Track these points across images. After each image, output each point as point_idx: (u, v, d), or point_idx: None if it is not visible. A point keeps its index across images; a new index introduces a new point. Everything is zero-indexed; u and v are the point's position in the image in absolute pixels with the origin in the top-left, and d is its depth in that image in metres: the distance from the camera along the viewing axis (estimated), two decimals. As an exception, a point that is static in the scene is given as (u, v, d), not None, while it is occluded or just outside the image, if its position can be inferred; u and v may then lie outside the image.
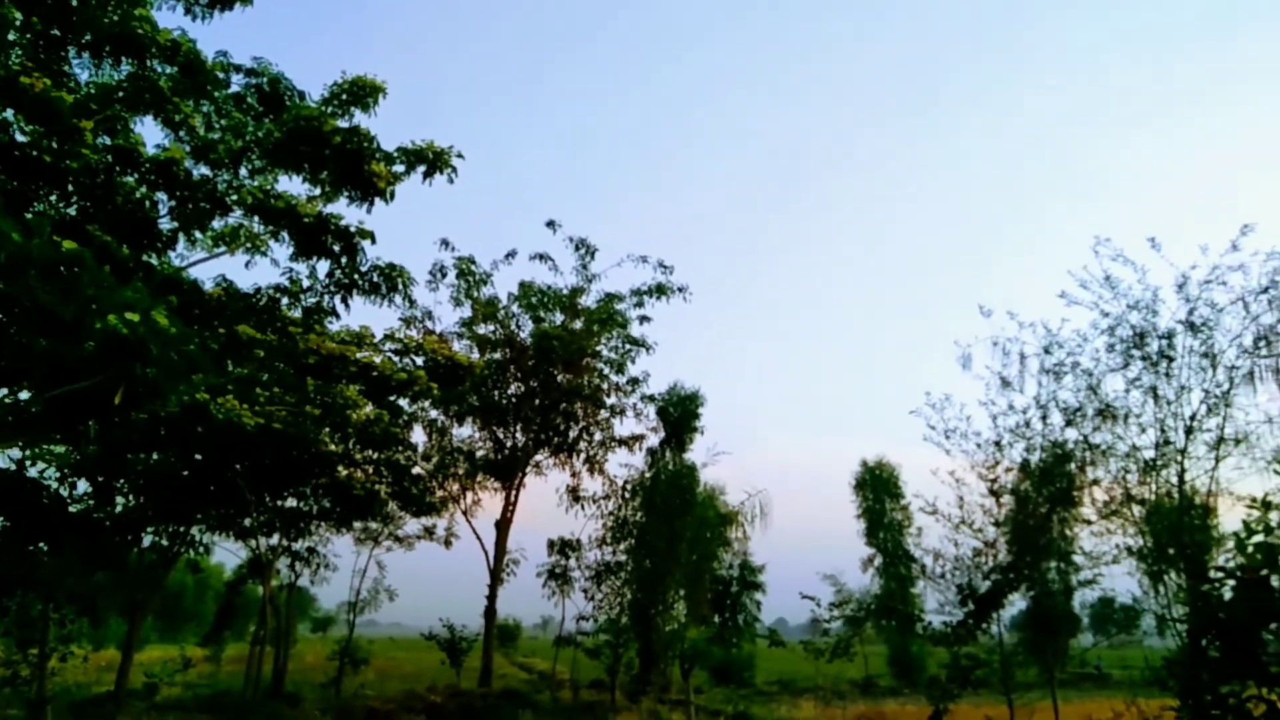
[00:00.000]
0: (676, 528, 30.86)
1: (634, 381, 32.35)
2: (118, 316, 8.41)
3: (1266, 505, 8.28)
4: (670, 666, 29.90)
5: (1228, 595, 8.58)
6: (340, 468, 23.63)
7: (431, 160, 15.20)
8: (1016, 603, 16.79)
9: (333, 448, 22.42)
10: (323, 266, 15.51)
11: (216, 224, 15.99)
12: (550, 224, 31.36)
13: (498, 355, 31.47)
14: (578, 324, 31.65)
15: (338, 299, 15.74)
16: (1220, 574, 9.06)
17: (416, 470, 28.35)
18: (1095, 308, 14.62)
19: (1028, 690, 19.78)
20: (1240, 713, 8.08)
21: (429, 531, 30.47)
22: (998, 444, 15.58)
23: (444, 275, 30.80)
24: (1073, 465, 15.11)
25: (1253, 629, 8.33)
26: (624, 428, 32.66)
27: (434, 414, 30.85)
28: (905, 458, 43.66)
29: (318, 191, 15.38)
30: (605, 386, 32.34)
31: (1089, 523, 15.55)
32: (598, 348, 31.84)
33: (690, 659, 24.06)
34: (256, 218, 15.51)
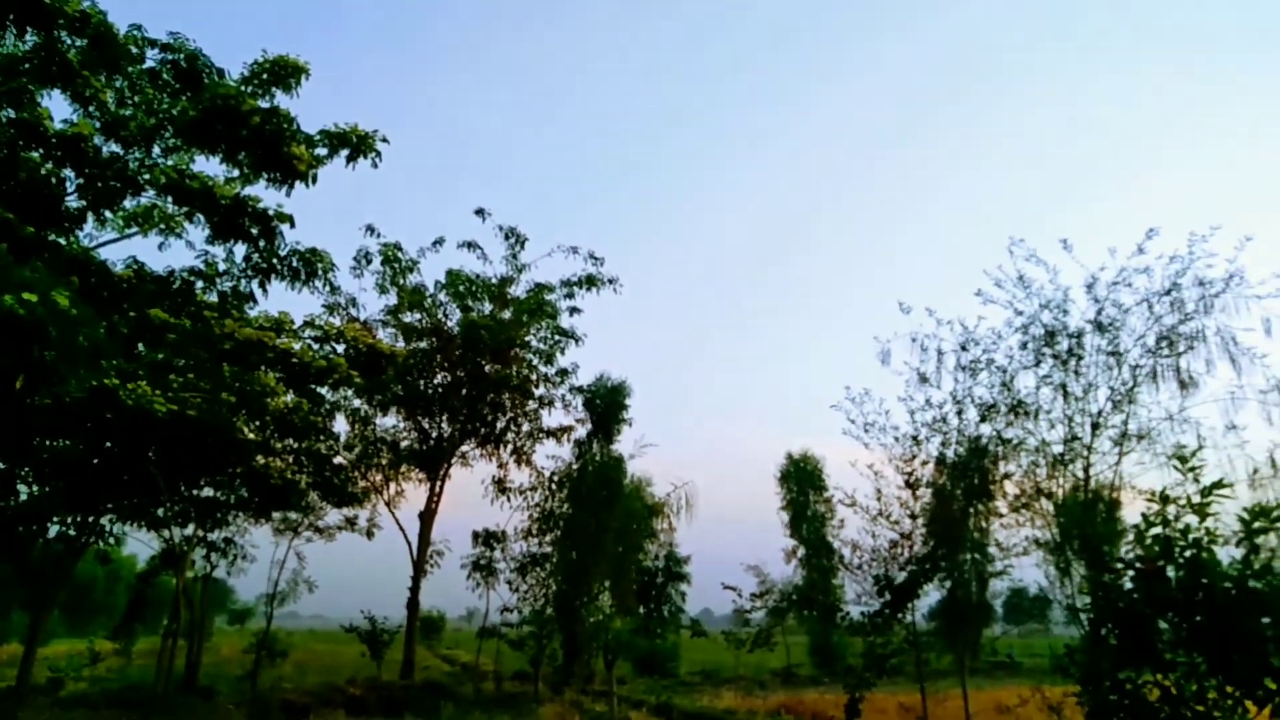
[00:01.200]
0: (603, 519, 30.92)
1: (563, 373, 32.23)
2: (14, 297, 8.07)
3: (1164, 499, 8.60)
4: (594, 658, 29.96)
5: (1128, 586, 8.91)
6: (259, 457, 23.08)
7: (355, 144, 14.91)
8: (933, 593, 17.19)
9: (250, 436, 21.87)
10: (240, 250, 15.12)
11: (128, 203, 15.47)
12: (479, 212, 31.05)
13: (424, 344, 31.04)
14: (506, 314, 31.39)
15: (255, 284, 15.37)
16: (1120, 565, 9.42)
17: (338, 460, 27.85)
18: (1009, 306, 15.07)
19: (943, 678, 20.34)
20: (1136, 698, 8.39)
21: (350, 522, 29.95)
22: (915, 438, 15.93)
23: (369, 262, 30.26)
24: (987, 460, 15.53)
25: (1150, 618, 8.66)
26: (552, 419, 32.56)
27: (357, 403, 30.33)
28: (830, 450, 44.34)
29: (235, 173, 14.97)
30: (534, 377, 32.14)
31: (1001, 515, 16.00)
32: (527, 338, 31.63)
33: (614, 650, 24.12)
34: (170, 198, 15.03)
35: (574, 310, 31.61)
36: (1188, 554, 8.38)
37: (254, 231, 14.42)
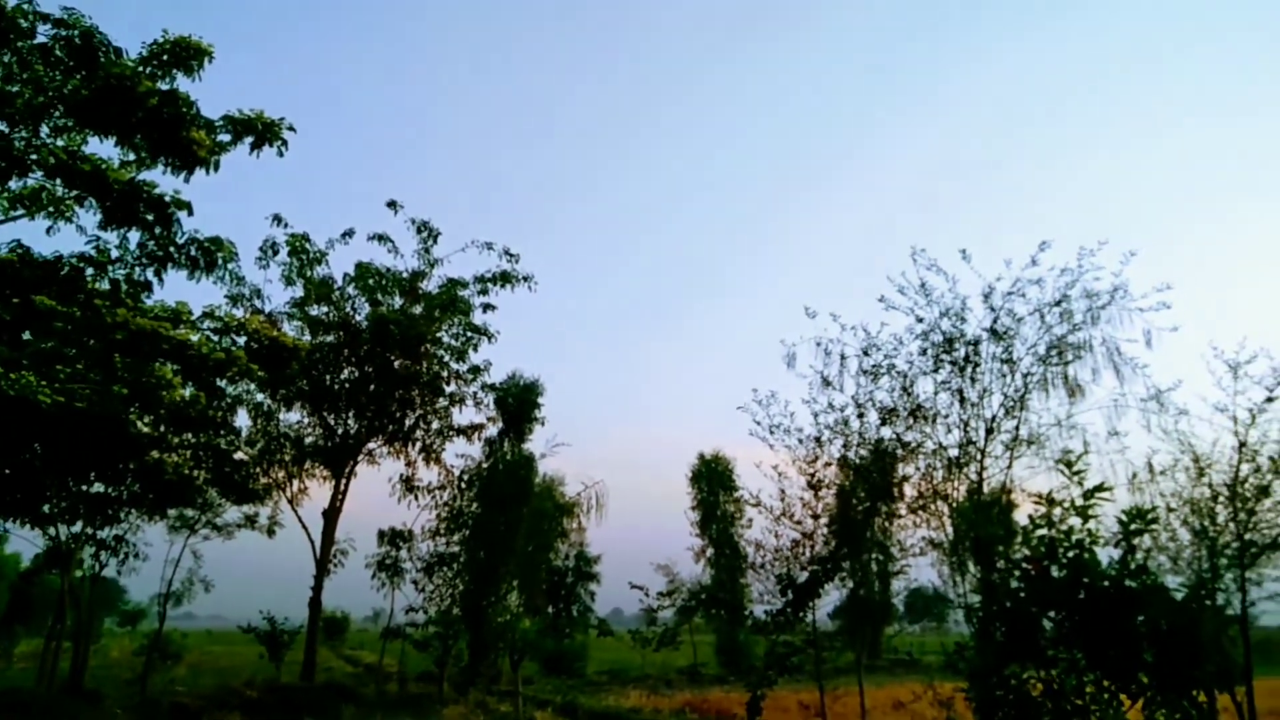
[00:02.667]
0: (513, 518, 30.70)
1: (475, 370, 31.83)
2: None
3: (1050, 501, 8.94)
4: (500, 658, 29.73)
5: (1015, 585, 9.23)
6: (154, 451, 22.25)
7: (261, 131, 14.49)
8: (835, 593, 17.53)
9: (144, 429, 21.08)
10: (135, 237, 14.53)
11: (13, 184, 14.71)
12: (391, 204, 30.48)
13: (331, 338, 30.31)
14: (418, 309, 30.88)
15: (151, 272, 14.79)
16: (1007, 565, 9.76)
17: (239, 455, 26.99)
18: (911, 314, 15.44)
19: (844, 676, 20.75)
20: (1020, 693, 8.71)
21: (251, 520, 29.09)
22: (818, 440, 16.23)
23: (275, 252, 29.41)
24: (887, 462, 15.91)
25: (1034, 616, 9.00)
26: (463, 416, 32.09)
27: (260, 397, 29.45)
28: (740, 451, 44.86)
29: (131, 157, 14.39)
30: (445, 374, 31.68)
31: (900, 516, 16.41)
32: (438, 334, 31.15)
33: (520, 650, 23.97)
34: (59, 180, 14.35)
35: (488, 307, 31.26)
36: (1070, 554, 8.73)
37: (149, 218, 13.88)
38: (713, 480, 44.93)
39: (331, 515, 30.24)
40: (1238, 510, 13.25)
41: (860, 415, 15.84)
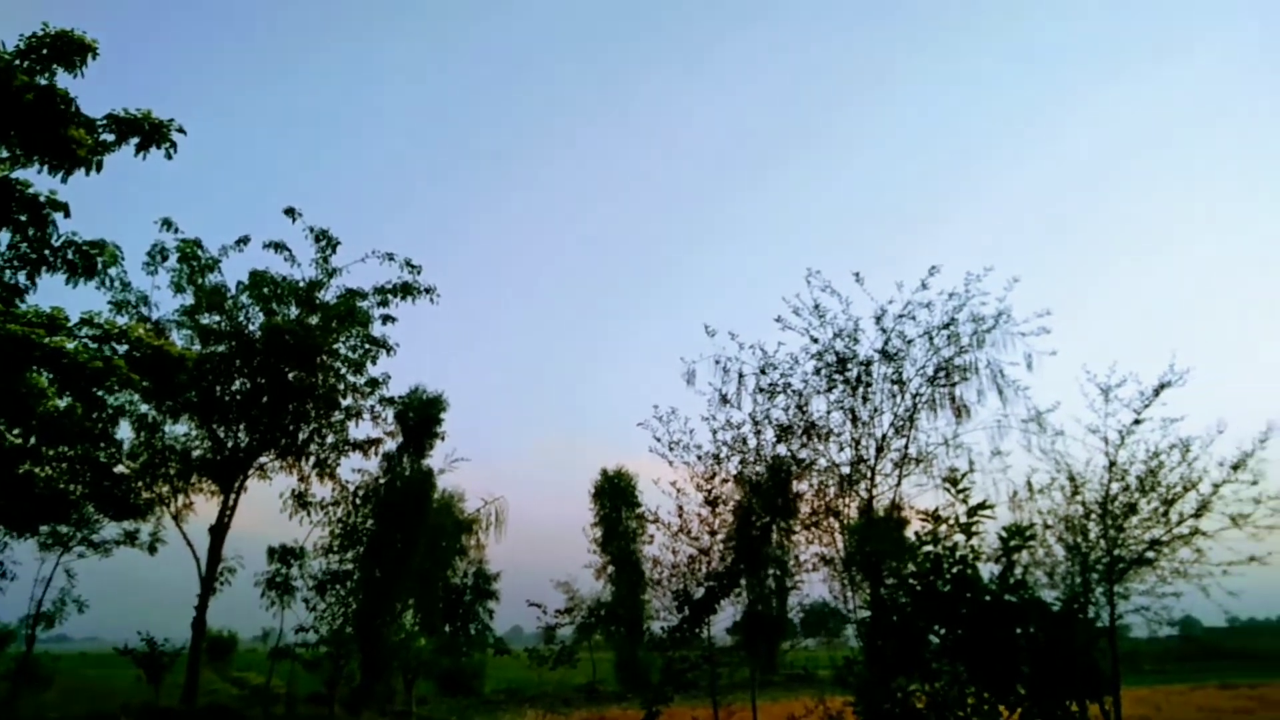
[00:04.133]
0: (410, 535, 30.11)
1: (373, 383, 31.10)
2: None
3: (936, 519, 9.20)
4: (394, 678, 29.06)
5: (902, 600, 9.46)
6: (27, 463, 21.07)
7: (148, 131, 13.91)
8: (732, 608, 17.67)
9: (15, 441, 19.94)
10: (5, 238, 13.76)
11: None
12: (289, 211, 29.65)
13: (222, 348, 29.24)
14: (314, 319, 30.03)
15: (23, 275, 14.02)
16: (894, 581, 10.01)
17: (119, 469, 25.76)
18: (806, 334, 15.76)
19: (742, 691, 20.87)
20: (906, 705, 8.91)
21: (131, 536, 27.77)
22: (716, 457, 16.40)
23: (164, 258, 28.26)
24: (783, 479, 16.17)
25: (920, 630, 9.23)
26: (360, 431, 31.32)
27: (145, 408, 28.18)
28: (643, 467, 44.93)
29: (4, 154, 13.65)
30: (342, 387, 30.87)
31: (795, 532, 16.69)
32: (335, 345, 30.36)
33: (415, 669, 23.47)
34: (-79, 176, 13.52)
35: (387, 319, 30.61)
36: (955, 570, 9.00)
37: (22, 218, 13.16)
38: (615, 496, 44.87)
39: (219, 531, 29.07)
40: (1108, 527, 13.92)
41: (757, 433, 16.10)
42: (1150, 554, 13.97)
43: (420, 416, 31.30)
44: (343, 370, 30.69)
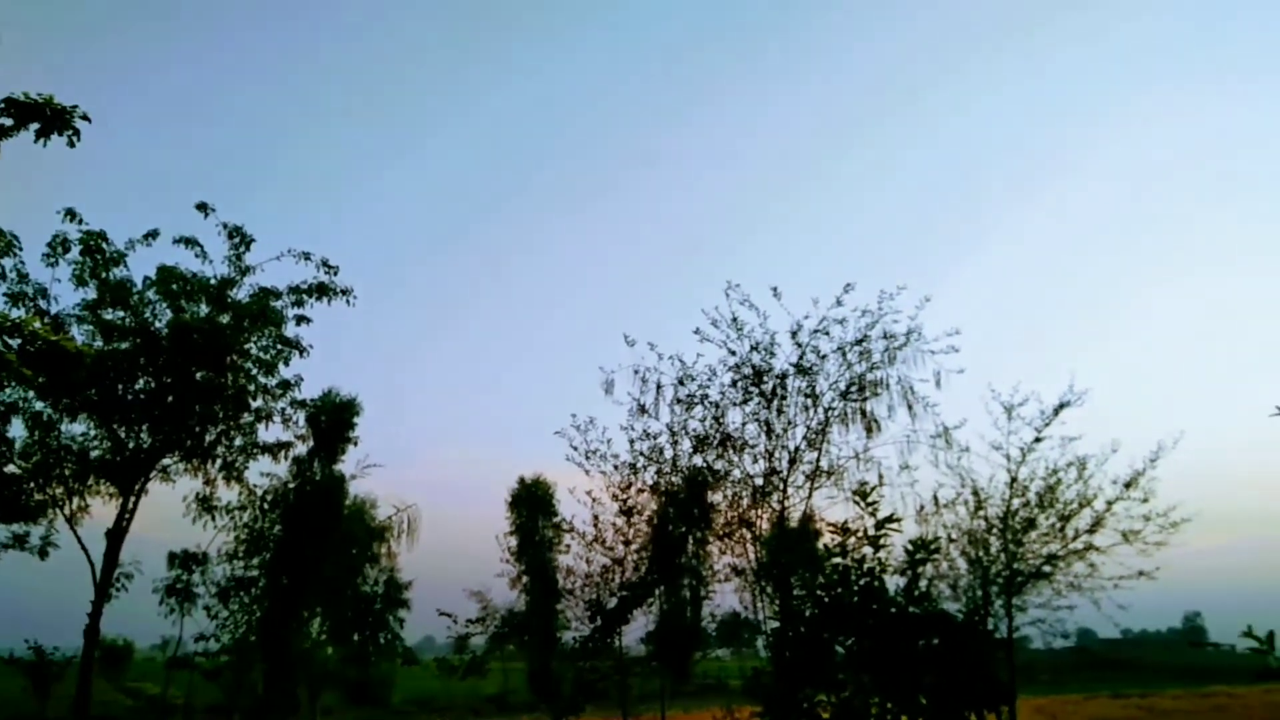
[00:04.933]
0: (320, 542, 29.40)
1: (285, 385, 30.27)
2: None
3: (845, 531, 9.38)
4: (299, 688, 28.33)
5: (810, 611, 9.61)
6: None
7: (49, 117, 13.30)
8: (646, 618, 17.70)
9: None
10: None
11: None
12: (201, 207, 28.71)
13: (126, 345, 28.15)
14: (225, 318, 29.15)
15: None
16: (803, 592, 10.17)
17: (10, 469, 24.58)
18: (724, 346, 15.94)
19: (654, 701, 20.91)
20: (812, 715, 9.05)
21: (20, 540, 26.50)
22: (633, 466, 16.46)
23: (66, 250, 27.09)
24: (698, 489, 16.30)
25: (827, 642, 9.39)
26: (270, 433, 30.45)
27: (40, 405, 26.96)
28: (561, 476, 44.69)
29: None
30: (252, 388, 29.98)
31: (709, 542, 16.83)
32: (246, 346, 29.49)
33: (320, 679, 22.89)
34: None
35: (302, 319, 29.84)
36: (862, 582, 9.19)
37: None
38: (533, 505, 44.47)
39: (116, 535, 27.89)
40: (1008, 542, 14.41)
41: (674, 443, 16.21)
42: (1047, 568, 14.52)
43: (333, 420, 30.59)
44: (254, 371, 29.78)
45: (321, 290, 30.21)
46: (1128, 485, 14.67)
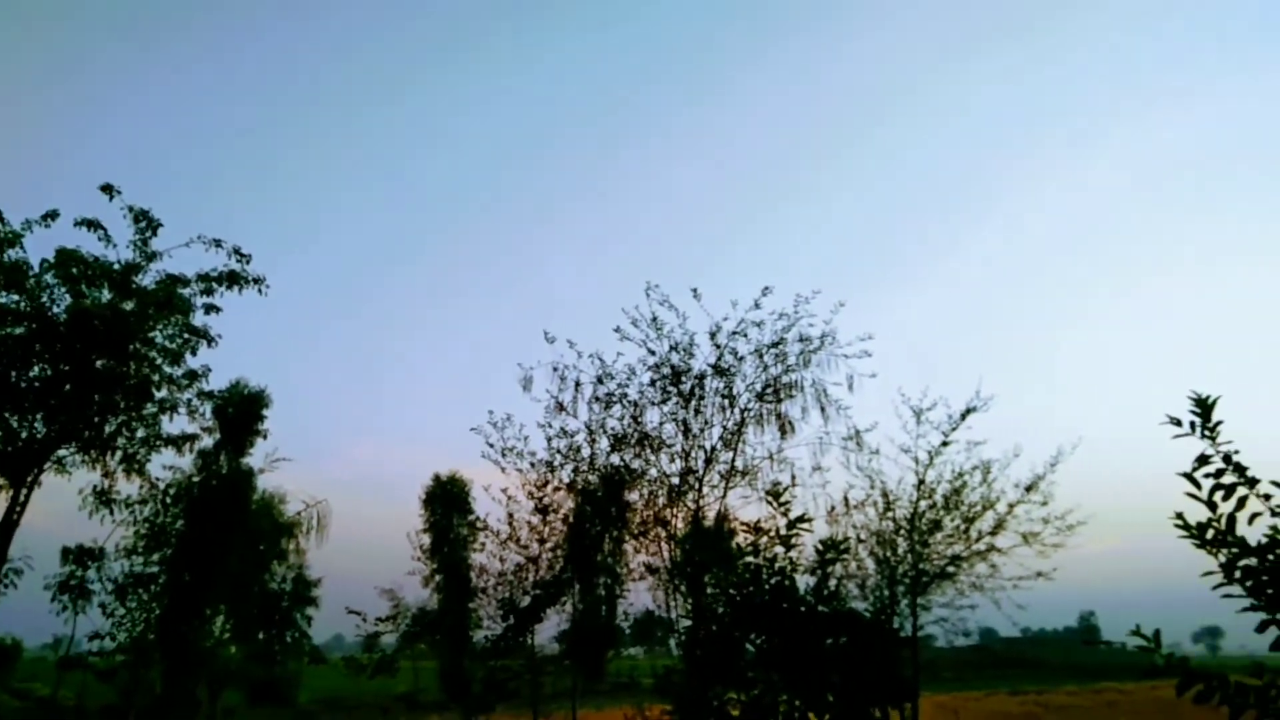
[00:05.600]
0: (225, 538, 28.54)
1: (192, 375, 29.28)
2: None
3: (758, 530, 9.49)
4: (200, 688, 27.47)
5: (721, 610, 9.70)
6: None
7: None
8: (559, 617, 17.64)
9: None
10: None
11: None
12: (106, 188, 27.63)
13: (20, 330, 26.89)
14: (129, 305, 28.06)
15: None
16: (715, 591, 10.27)
17: (-110, 459, 23.27)
18: (643, 345, 15.98)
19: (567, 700, 20.86)
20: (721, 713, 9.13)
21: (-101, 534, 25.09)
22: (550, 464, 16.39)
23: (-44, 232, 25.74)
24: (615, 488, 16.31)
25: (738, 640, 9.49)
26: (174, 425, 29.44)
27: (-76, 393, 25.57)
28: (478, 474, 44.29)
29: None
30: (156, 378, 28.93)
31: (625, 541, 16.86)
32: (151, 334, 28.44)
33: (222, 679, 22.22)
34: None
35: (211, 308, 28.91)
36: (773, 581, 9.31)
37: None
38: (447, 502, 43.93)
39: (6, 529, 26.59)
40: (915, 542, 14.80)
41: (592, 441, 16.18)
42: (951, 568, 14.96)
43: (241, 412, 29.73)
44: (158, 360, 28.76)
45: (233, 279, 29.28)
46: (1028, 489, 15.21)
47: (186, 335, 29.01)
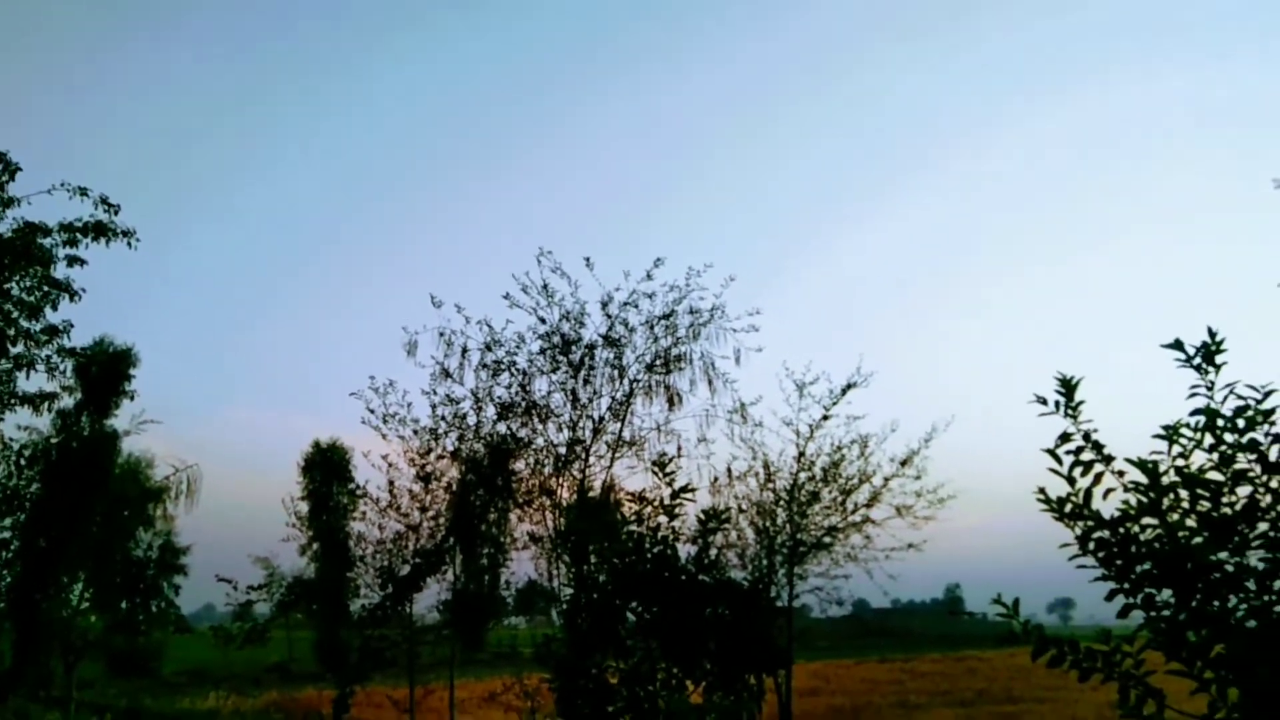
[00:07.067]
0: (85, 502, 27.11)
1: (52, 330, 27.55)
2: None
3: (642, 500, 9.54)
4: (54, 658, 26.16)
5: (603, 579, 9.74)
6: None
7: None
8: (440, 586, 17.42)
9: None
10: None
11: None
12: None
13: None
14: (-19, 254, 26.22)
15: None
16: (598, 560, 10.28)
17: None
18: (534, 313, 15.76)
19: (446, 669, 20.67)
20: (600, 681, 9.17)
21: None
22: (433, 432, 16.10)
23: None
24: (501, 457, 16.11)
25: (619, 609, 9.54)
26: (32, 383, 27.72)
27: None
28: (359, 441, 43.33)
29: None
30: (12, 333, 27.13)
31: (510, 510, 16.71)
32: (6, 285, 26.63)
33: (79, 650, 21.19)
34: None
35: (75, 260, 27.23)
36: (655, 550, 9.38)
37: None
38: (328, 470, 42.85)
39: None
40: (793, 513, 15.18)
41: (478, 409, 15.92)
42: (828, 539, 15.44)
43: (106, 371, 28.18)
44: (14, 314, 26.97)
45: (99, 230, 27.59)
46: (903, 463, 15.78)
47: (46, 288, 27.28)
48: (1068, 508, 4.33)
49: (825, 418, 15.46)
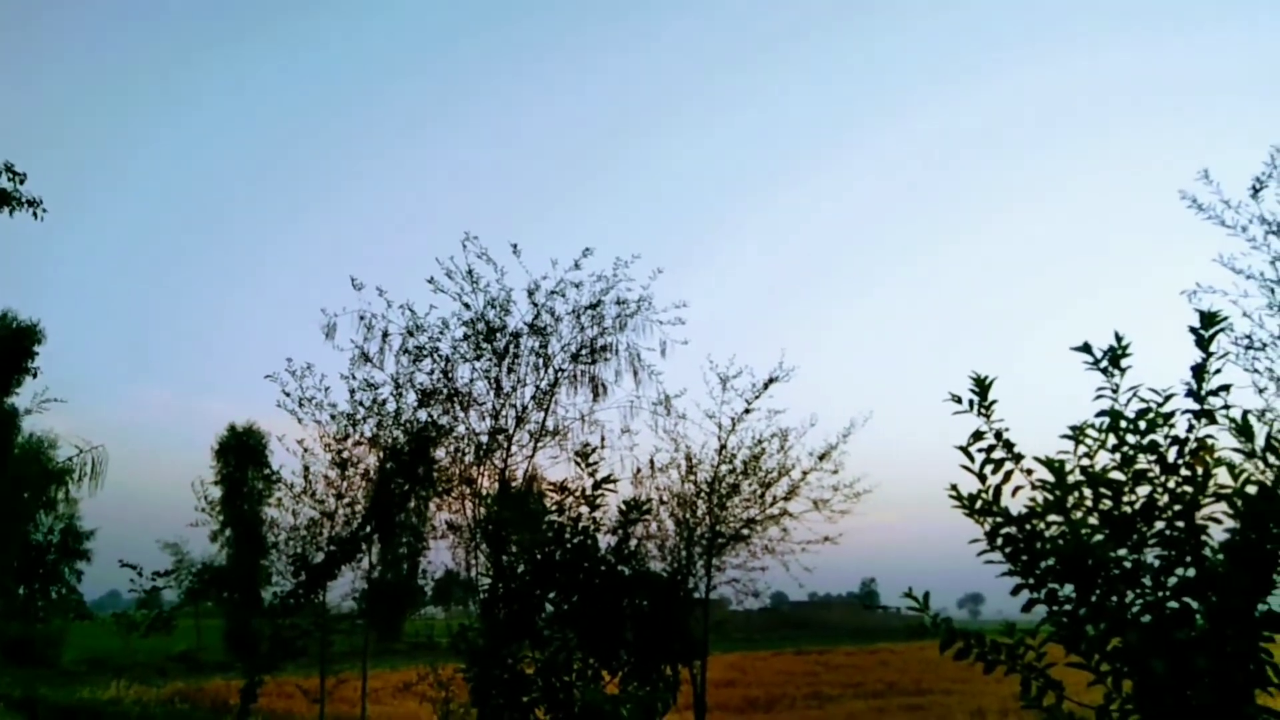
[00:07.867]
0: (-18, 483, 25.97)
1: (-51, 305, 26.46)
2: None
3: (564, 490, 9.50)
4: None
5: (521, 569, 9.68)
6: None
7: None
8: (354, 574, 17.13)
9: None
10: None
11: None
12: None
13: None
14: None
15: None
16: (516, 550, 10.22)
17: None
18: (458, 299, 15.53)
19: (359, 659, 20.33)
20: (515, 672, 9.11)
21: None
22: (351, 417, 15.79)
23: None
24: (421, 444, 15.86)
25: (537, 599, 9.50)
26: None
27: None
28: (275, 426, 42.40)
29: None
30: (-95, 305, 25.92)
31: (430, 499, 16.49)
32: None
33: (-30, 637, 20.30)
34: None
35: (-24, 230, 26.09)
36: (575, 540, 9.36)
37: None
38: (243, 454, 41.89)
39: None
40: (713, 505, 15.32)
41: (399, 395, 15.64)
42: (746, 531, 15.61)
43: (6, 348, 27.06)
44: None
45: (3, 199, 26.53)
46: (821, 457, 16.02)
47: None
48: (978, 504, 4.43)
49: (747, 411, 15.61)
